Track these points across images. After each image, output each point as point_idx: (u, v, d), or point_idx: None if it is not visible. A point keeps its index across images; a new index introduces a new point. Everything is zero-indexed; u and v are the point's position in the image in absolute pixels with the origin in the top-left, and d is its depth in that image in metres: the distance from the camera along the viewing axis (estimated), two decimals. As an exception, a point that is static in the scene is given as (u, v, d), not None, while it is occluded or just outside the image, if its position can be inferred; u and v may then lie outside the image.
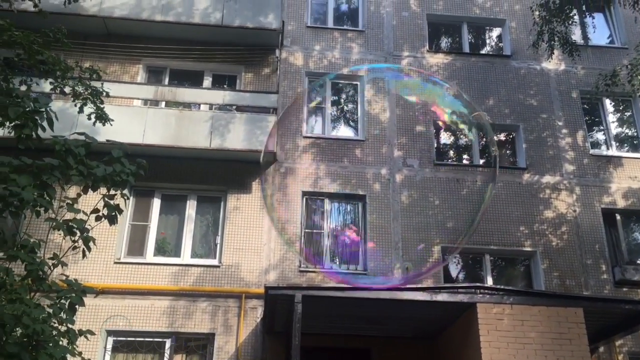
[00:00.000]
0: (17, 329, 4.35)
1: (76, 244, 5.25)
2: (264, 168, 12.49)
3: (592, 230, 12.70)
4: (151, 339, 11.17)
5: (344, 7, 15.44)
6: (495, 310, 9.45)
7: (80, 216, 5.23)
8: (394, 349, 11.35)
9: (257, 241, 12.03)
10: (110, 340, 11.07)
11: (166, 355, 11.10)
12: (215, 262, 11.89)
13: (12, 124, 5.34)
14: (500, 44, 15.34)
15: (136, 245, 12.05)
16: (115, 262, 11.55)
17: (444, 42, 15.55)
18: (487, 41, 15.59)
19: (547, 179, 13.25)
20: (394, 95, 13.69)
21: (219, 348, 11.05)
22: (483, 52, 15.20)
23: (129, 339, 11.13)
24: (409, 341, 11.42)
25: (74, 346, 4.85)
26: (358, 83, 14.08)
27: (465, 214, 12.63)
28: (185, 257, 11.99)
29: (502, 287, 10.08)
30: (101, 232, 10.78)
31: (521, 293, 9.81)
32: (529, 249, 12.48)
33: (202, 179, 12.48)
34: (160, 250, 12.15)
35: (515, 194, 12.97)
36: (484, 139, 12.15)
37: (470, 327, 9.62)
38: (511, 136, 14.14)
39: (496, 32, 15.54)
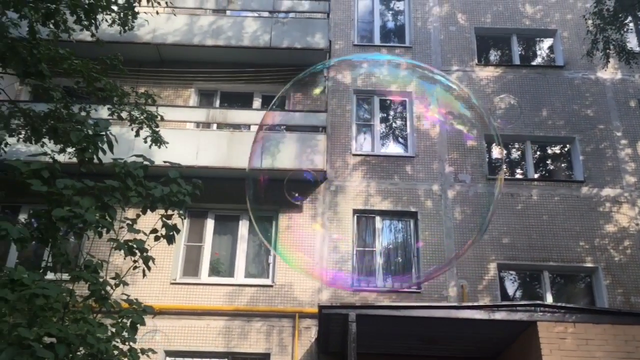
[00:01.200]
0: (82, 348, 4.44)
1: (136, 264, 5.36)
2: (315, 187, 12.53)
3: (658, 246, 12.17)
4: (208, 359, 11.26)
5: (391, 24, 15.45)
6: (557, 329, 9.12)
7: (139, 236, 5.34)
8: (451, 369, 11.08)
9: (309, 260, 12.01)
10: (168, 360, 11.22)
11: (222, 375, 11.16)
12: (268, 281, 11.93)
13: (74, 148, 5.51)
14: (551, 55, 15.01)
15: (191, 266, 12.23)
16: (172, 283, 11.73)
17: (493, 55, 15.33)
18: (538, 52, 15.29)
19: (607, 191, 12.79)
20: (443, 110, 13.55)
21: (274, 368, 11.03)
22: (534, 63, 14.91)
23: (186, 359, 11.25)
24: (467, 361, 11.13)
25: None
26: (406, 99, 14.00)
27: (521, 229, 12.31)
28: (239, 277, 12.07)
29: (563, 304, 9.72)
30: (158, 254, 10.96)
31: (584, 311, 9.44)
32: (590, 264, 12.02)
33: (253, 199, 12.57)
34: (214, 270, 12.28)
35: (574, 208, 12.56)
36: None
37: (531, 347, 9.30)
38: (566, 148, 13.74)
39: (547, 42, 15.22)
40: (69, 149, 8.67)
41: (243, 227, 12.56)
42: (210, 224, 12.61)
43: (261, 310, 11.50)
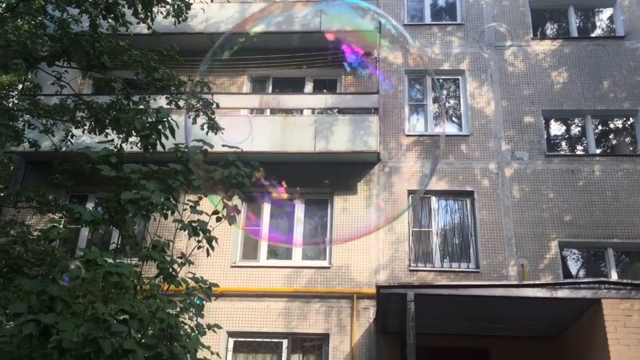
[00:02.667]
0: (153, 323, 4.66)
1: (200, 244, 5.55)
2: (369, 168, 12.57)
3: None
4: (269, 340, 11.54)
5: (441, 2, 15.20)
6: (623, 306, 8.88)
7: (202, 217, 5.53)
8: (513, 349, 10.96)
9: (365, 242, 12.09)
10: (231, 341, 11.55)
11: (284, 355, 11.42)
12: (325, 263, 12.08)
13: (138, 136, 5.73)
14: (612, 25, 14.45)
15: (250, 250, 12.51)
16: (232, 266, 12.05)
17: (550, 28, 14.88)
18: (597, 23, 14.74)
19: (674, 165, 12.30)
20: (499, 87, 13.29)
21: (334, 348, 11.20)
22: (593, 35, 14.39)
23: (248, 339, 11.56)
24: (529, 341, 10.98)
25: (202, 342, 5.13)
26: (459, 77, 13.79)
27: (583, 206, 11.99)
28: (297, 259, 12.28)
29: (629, 281, 9.44)
30: (218, 238, 11.34)
31: (652, 287, 9.14)
32: (657, 240, 11.63)
33: (308, 182, 12.73)
34: (272, 253, 12.53)
35: (638, 183, 12.12)
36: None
37: (596, 325, 9.10)
38: (630, 122, 13.25)
39: (607, 12, 14.65)
40: (132, 138, 9.03)
41: (299, 210, 12.74)
42: (266, 207, 12.84)
43: (319, 292, 11.67)
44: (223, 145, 6.13)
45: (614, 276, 11.53)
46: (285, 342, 11.50)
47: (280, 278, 11.89)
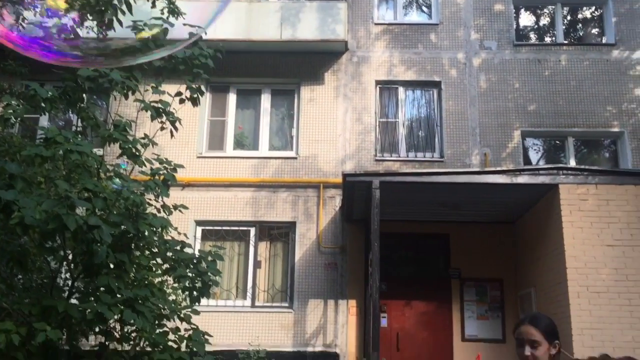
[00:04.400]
0: (118, 202, 4.65)
1: (164, 125, 5.45)
2: (336, 58, 12.33)
3: (687, 108, 11.94)
4: (237, 228, 11.76)
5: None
6: (579, 190, 9.23)
7: (165, 97, 5.39)
8: (472, 234, 11.42)
9: (332, 132, 12.11)
10: (199, 229, 11.74)
11: (251, 242, 11.70)
12: (292, 153, 12.13)
13: (93, 12, 5.43)
14: None
15: (216, 140, 12.43)
16: (198, 157, 12.00)
17: None
18: None
19: (639, 54, 12.36)
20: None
21: (301, 235, 11.50)
22: None
23: (216, 228, 11.77)
24: (488, 225, 11.43)
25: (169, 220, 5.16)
26: (431, -37, 13.29)
27: (547, 96, 12.12)
28: (263, 149, 12.28)
29: (586, 167, 9.76)
30: (183, 128, 11.16)
31: (607, 172, 9.49)
32: (616, 129, 11.92)
33: (275, 72, 12.48)
34: (239, 144, 12.49)
35: (603, 72, 12.23)
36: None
37: (552, 209, 9.48)
38: (599, 11, 13.13)
39: None
40: (88, 22, 8.58)
41: (265, 101, 12.58)
42: (232, 98, 12.64)
43: (286, 181, 11.79)
44: (184, 25, 5.87)
45: (572, 164, 11.88)
46: (253, 230, 11.76)
47: (248, 168, 11.94)
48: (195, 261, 5.14)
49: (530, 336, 2.87)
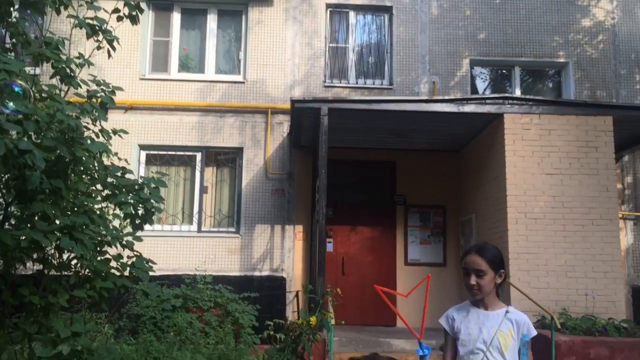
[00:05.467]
0: (53, 126, 4.41)
1: (100, 44, 5.13)
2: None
3: (630, 39, 12.15)
4: (182, 153, 11.53)
5: None
6: (523, 120, 9.40)
7: (101, 14, 5.05)
8: (418, 161, 11.59)
9: (281, 56, 11.81)
10: (143, 153, 11.46)
11: (197, 167, 11.53)
12: (239, 78, 11.81)
13: None
14: None
15: (160, 62, 11.95)
16: (141, 79, 11.54)
17: None
18: None
19: (588, -15, 12.40)
20: None
21: (248, 161, 11.39)
22: None
23: (160, 152, 11.50)
24: (433, 154, 11.61)
25: (109, 144, 4.95)
26: None
27: (496, 24, 12.08)
28: (210, 73, 11.90)
29: (531, 97, 9.91)
30: (124, 49, 10.66)
31: (551, 102, 9.65)
32: (562, 60, 12.07)
33: (221, -10, 11.94)
34: (184, 66, 12.04)
35: (552, 2, 12.22)
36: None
37: (496, 137, 9.66)
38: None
39: None
40: None
41: (212, 22, 12.08)
42: (177, 17, 12.07)
43: (234, 106, 11.53)
44: None
45: (518, 94, 12.05)
46: (199, 155, 11.56)
47: (193, 92, 11.58)
48: (137, 188, 4.99)
49: (477, 265, 2.94)
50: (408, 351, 8.77)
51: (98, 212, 4.86)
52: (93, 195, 4.97)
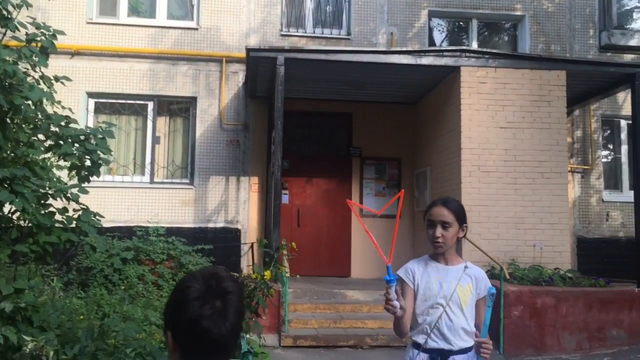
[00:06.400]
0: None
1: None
2: None
3: (585, -7, 12.24)
4: (133, 102, 11.15)
5: None
6: (479, 73, 9.42)
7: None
8: (375, 113, 11.54)
9: (236, 2, 11.40)
10: (92, 102, 11.02)
11: (149, 117, 11.18)
12: (193, 24, 11.38)
13: None
14: None
15: (108, 5, 11.37)
16: (88, 23, 10.98)
17: None
18: None
19: (547, -63, 12.30)
20: None
21: (202, 111, 11.11)
22: None
23: (110, 100, 11.09)
24: (390, 106, 11.57)
25: (52, 92, 4.68)
26: None
27: (456, -25, 11.93)
28: (161, 18, 11.41)
29: (488, 50, 9.90)
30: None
31: (507, 56, 9.68)
32: (519, 12, 12.06)
33: None
34: (134, 10, 11.51)
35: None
36: None
37: (452, 91, 9.67)
38: None
39: None
40: None
41: (162, -37, 11.51)
42: (125, -42, 11.45)
43: (187, 54, 11.15)
44: None
45: (475, 47, 12.03)
46: (151, 105, 11.19)
47: (144, 38, 11.11)
48: (83, 138, 4.76)
49: (443, 217, 2.91)
50: (362, 302, 8.91)
51: (41, 164, 4.63)
52: (35, 146, 4.72)
